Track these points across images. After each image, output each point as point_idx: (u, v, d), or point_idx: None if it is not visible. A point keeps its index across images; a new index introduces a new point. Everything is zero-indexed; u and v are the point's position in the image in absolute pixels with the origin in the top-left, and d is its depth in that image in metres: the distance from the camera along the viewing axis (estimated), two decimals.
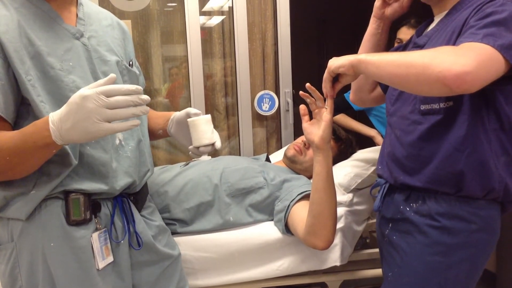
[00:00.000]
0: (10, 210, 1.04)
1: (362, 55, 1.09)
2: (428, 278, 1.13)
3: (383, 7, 1.33)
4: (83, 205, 1.08)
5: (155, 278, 1.26)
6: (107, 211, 1.15)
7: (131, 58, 1.29)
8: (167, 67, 2.50)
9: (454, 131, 1.07)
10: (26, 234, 1.06)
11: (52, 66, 1.04)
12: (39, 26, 1.05)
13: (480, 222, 1.09)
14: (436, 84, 0.92)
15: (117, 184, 1.14)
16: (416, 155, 1.14)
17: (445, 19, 1.16)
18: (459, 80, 0.89)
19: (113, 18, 1.29)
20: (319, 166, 1.36)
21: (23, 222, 1.05)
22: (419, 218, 1.14)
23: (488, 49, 0.93)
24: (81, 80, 1.09)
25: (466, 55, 0.91)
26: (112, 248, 1.15)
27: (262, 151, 2.56)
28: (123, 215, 1.18)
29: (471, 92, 0.94)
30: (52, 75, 1.04)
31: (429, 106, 1.11)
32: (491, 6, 1.00)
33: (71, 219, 1.07)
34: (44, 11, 1.07)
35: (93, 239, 1.09)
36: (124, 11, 2.36)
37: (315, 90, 1.31)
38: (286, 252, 1.57)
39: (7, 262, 1.08)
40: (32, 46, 1.02)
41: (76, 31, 1.12)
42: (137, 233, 1.20)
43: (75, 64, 1.09)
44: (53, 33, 1.07)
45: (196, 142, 1.24)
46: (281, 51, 2.49)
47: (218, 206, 1.60)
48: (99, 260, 1.10)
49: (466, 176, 1.07)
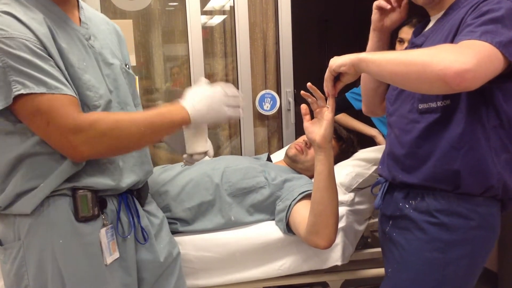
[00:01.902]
0: (16, 206, 1.05)
1: (363, 53, 1.09)
2: (426, 274, 1.13)
3: (381, 19, 1.32)
4: (91, 201, 1.09)
5: (154, 277, 1.27)
6: (113, 207, 1.16)
7: (126, 61, 1.31)
8: (168, 66, 2.51)
9: (451, 129, 1.08)
10: (34, 232, 1.05)
11: (72, 64, 1.06)
12: (56, 26, 1.06)
13: (479, 219, 1.10)
14: (436, 82, 0.92)
15: (123, 182, 1.16)
16: (414, 153, 1.15)
17: (442, 19, 1.16)
18: (459, 78, 0.89)
19: (109, 22, 1.31)
20: (320, 165, 1.36)
21: (30, 220, 1.05)
22: (418, 214, 1.15)
23: (487, 46, 0.93)
24: (95, 80, 1.11)
25: (465, 53, 0.92)
26: (118, 243, 1.16)
27: (263, 151, 2.56)
28: (129, 210, 1.19)
29: (471, 90, 0.94)
30: (72, 73, 1.06)
31: (426, 105, 1.12)
32: (488, 4, 1.01)
33: (80, 215, 1.08)
34: (55, 13, 1.08)
35: (101, 234, 1.10)
36: (125, 11, 2.36)
37: (316, 90, 1.31)
38: (287, 251, 1.57)
39: (12, 261, 1.08)
40: (56, 43, 1.03)
41: (85, 33, 1.14)
42: (142, 228, 1.22)
43: (88, 64, 1.11)
44: (67, 34, 1.09)
45: (190, 149, 1.21)
46: (282, 51, 2.49)
47: (219, 206, 1.61)
48: (107, 256, 1.11)
49: (463, 174, 1.07)
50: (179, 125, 1.12)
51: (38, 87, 0.95)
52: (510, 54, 0.94)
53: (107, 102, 1.12)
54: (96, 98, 1.09)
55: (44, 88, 0.96)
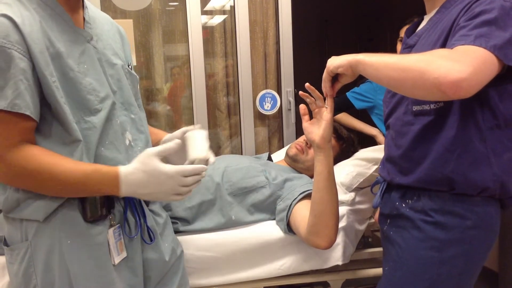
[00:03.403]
0: (26, 211, 1.05)
1: (361, 55, 1.08)
2: (421, 272, 1.13)
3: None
4: (99, 202, 1.09)
5: (160, 276, 1.27)
6: (120, 207, 1.16)
7: (129, 61, 1.30)
8: (169, 66, 2.51)
9: (445, 132, 1.07)
10: (42, 233, 1.05)
11: (71, 68, 1.05)
12: (56, 27, 1.05)
13: (476, 219, 1.09)
14: (432, 90, 0.92)
15: None
16: (409, 156, 1.14)
17: (435, 17, 1.15)
18: (455, 87, 0.89)
19: (112, 22, 1.30)
20: (320, 166, 1.36)
21: (39, 222, 1.05)
22: (414, 213, 1.15)
23: (482, 52, 0.92)
24: (97, 83, 1.10)
25: (461, 60, 0.91)
26: (125, 243, 1.16)
27: (264, 150, 2.56)
28: (135, 210, 1.20)
29: (467, 97, 0.93)
30: (71, 77, 1.05)
31: (420, 107, 1.11)
32: (480, 4, 1.00)
33: (88, 216, 1.08)
34: (58, 14, 1.07)
35: (108, 235, 1.11)
36: (125, 11, 2.36)
37: (314, 90, 1.31)
38: (288, 251, 1.57)
39: (20, 262, 1.07)
40: (53, 48, 1.02)
41: (87, 34, 1.13)
42: (149, 227, 1.22)
43: (90, 67, 1.10)
44: (68, 36, 1.08)
45: (193, 154, 1.18)
46: (283, 50, 2.49)
47: (220, 205, 1.61)
48: (115, 256, 1.12)
49: (457, 176, 1.07)
50: (103, 195, 1.08)
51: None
52: (505, 57, 0.94)
53: (111, 105, 1.12)
54: (96, 102, 1.09)
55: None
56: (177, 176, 1.04)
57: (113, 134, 1.13)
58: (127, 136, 1.18)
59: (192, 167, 1.07)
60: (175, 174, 1.04)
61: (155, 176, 1.04)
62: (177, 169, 1.04)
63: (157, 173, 1.04)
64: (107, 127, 1.11)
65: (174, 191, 1.06)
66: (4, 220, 1.11)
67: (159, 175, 1.04)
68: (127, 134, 1.17)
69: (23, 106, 0.97)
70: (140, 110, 1.27)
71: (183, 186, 1.06)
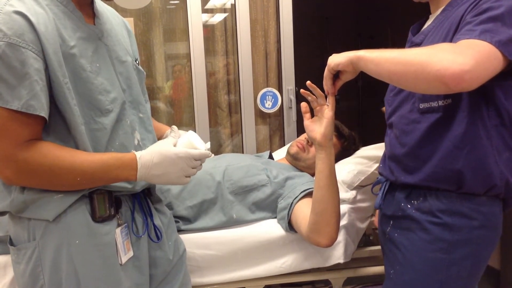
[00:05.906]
0: (35, 212, 1.04)
1: (361, 51, 1.08)
2: (430, 275, 1.12)
3: None
4: (108, 201, 1.09)
5: (164, 274, 1.27)
6: (127, 206, 1.16)
7: (136, 56, 1.29)
8: (169, 65, 2.51)
9: (453, 129, 1.06)
10: (50, 233, 1.05)
11: (84, 68, 1.04)
12: (69, 25, 1.04)
13: (482, 219, 1.09)
14: (434, 82, 0.91)
15: (138, 184, 1.16)
16: (415, 154, 1.13)
17: (441, 15, 1.15)
18: (458, 79, 0.89)
19: (119, 16, 1.29)
20: (321, 164, 1.36)
21: (47, 222, 1.05)
22: (420, 215, 1.14)
23: (486, 46, 0.92)
24: (108, 82, 1.09)
25: (464, 53, 0.91)
26: (132, 242, 1.16)
27: (265, 149, 2.55)
28: (142, 210, 1.20)
29: (470, 90, 0.93)
30: (83, 77, 1.04)
31: (428, 104, 1.10)
32: (488, 1, 0.99)
33: (97, 215, 1.08)
34: (70, 11, 1.06)
35: (116, 234, 1.10)
36: (126, 9, 2.36)
37: (315, 88, 1.31)
38: (289, 249, 1.57)
39: (27, 262, 1.07)
40: (66, 47, 1.01)
41: (98, 30, 1.12)
42: (156, 226, 1.22)
43: (102, 65, 1.09)
44: (80, 33, 1.06)
45: (199, 145, 1.21)
46: (283, 49, 2.49)
47: (221, 204, 1.61)
48: (122, 255, 1.12)
49: (466, 174, 1.06)
50: (121, 181, 1.10)
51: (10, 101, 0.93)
52: (509, 53, 0.93)
53: (121, 105, 1.12)
54: (107, 102, 1.08)
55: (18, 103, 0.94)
56: (187, 157, 1.11)
57: (124, 135, 1.13)
58: (136, 135, 1.18)
59: (199, 152, 1.13)
60: (185, 154, 1.10)
61: (168, 155, 1.09)
62: (187, 151, 1.11)
63: (170, 153, 1.09)
64: (117, 127, 1.11)
65: (184, 172, 1.12)
66: (10, 220, 1.10)
67: (172, 155, 1.09)
68: (136, 133, 1.17)
69: (38, 107, 0.96)
70: (146, 106, 1.26)
71: (192, 168, 1.12)
